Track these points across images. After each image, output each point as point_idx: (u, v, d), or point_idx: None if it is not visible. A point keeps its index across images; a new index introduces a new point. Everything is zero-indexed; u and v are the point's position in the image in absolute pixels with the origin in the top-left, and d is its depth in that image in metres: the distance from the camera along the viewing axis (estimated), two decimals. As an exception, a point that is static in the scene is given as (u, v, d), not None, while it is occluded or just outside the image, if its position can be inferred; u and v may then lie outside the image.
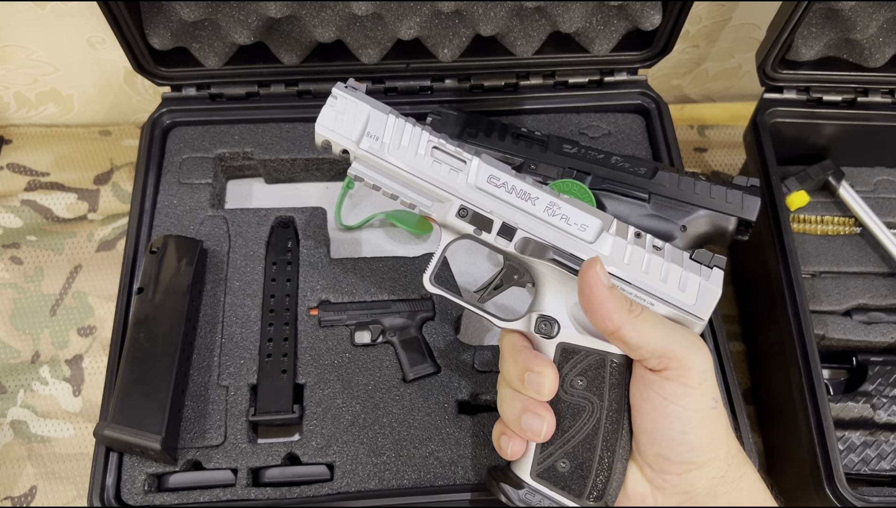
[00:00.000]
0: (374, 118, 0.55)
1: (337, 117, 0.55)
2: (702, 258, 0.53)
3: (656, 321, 0.50)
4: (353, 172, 0.56)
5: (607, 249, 0.53)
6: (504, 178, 0.54)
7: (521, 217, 0.54)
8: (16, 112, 0.96)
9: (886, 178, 0.88)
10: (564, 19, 0.78)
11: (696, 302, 0.52)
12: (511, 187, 0.54)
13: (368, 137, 0.55)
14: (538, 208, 0.54)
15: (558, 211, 0.54)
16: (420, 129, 0.55)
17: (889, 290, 0.80)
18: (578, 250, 0.53)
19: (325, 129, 0.55)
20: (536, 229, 0.54)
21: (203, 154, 0.80)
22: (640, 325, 0.48)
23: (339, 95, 0.55)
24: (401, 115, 0.56)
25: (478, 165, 0.55)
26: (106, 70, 0.92)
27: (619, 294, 0.49)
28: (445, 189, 0.55)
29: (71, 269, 0.85)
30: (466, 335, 0.75)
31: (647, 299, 0.52)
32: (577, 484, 0.52)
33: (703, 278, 0.52)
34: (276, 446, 0.66)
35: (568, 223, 0.54)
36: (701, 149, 1.00)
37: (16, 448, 0.76)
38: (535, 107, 0.84)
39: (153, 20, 0.74)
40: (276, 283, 0.74)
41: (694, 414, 0.48)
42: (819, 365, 0.69)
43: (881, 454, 0.72)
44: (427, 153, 0.55)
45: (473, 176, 0.54)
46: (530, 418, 0.51)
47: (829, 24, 0.79)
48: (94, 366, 0.80)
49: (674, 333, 0.49)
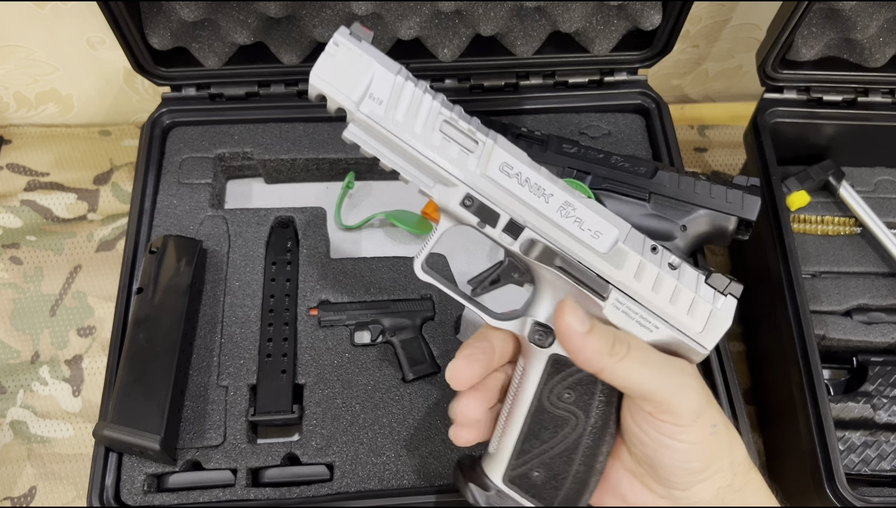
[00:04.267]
0: (379, 77, 0.46)
1: (336, 69, 0.46)
2: (717, 283, 0.48)
3: (643, 362, 0.46)
4: (348, 135, 0.48)
5: (621, 261, 0.48)
6: (518, 167, 0.48)
7: (530, 215, 0.48)
8: (15, 112, 0.96)
9: (887, 178, 0.87)
10: (564, 19, 0.78)
11: (703, 330, 0.48)
12: (525, 180, 0.48)
13: (370, 100, 0.46)
14: (551, 206, 0.48)
15: (572, 213, 0.48)
16: (431, 97, 0.47)
17: (889, 290, 0.80)
18: (590, 260, 0.48)
19: (322, 81, 0.47)
20: (546, 230, 0.48)
21: (203, 154, 0.80)
22: (624, 369, 0.45)
23: (341, 43, 0.46)
24: (411, 75, 0.48)
25: (492, 149, 0.47)
26: (106, 70, 0.92)
27: (598, 337, 0.46)
28: (452, 173, 0.47)
29: (70, 269, 0.85)
30: (466, 335, 0.75)
31: (650, 321, 0.48)
32: (549, 494, 0.50)
33: (715, 305, 0.48)
34: (275, 446, 0.66)
35: (581, 228, 0.48)
36: (701, 149, 1.00)
37: (15, 448, 0.76)
38: (535, 107, 0.84)
39: (153, 20, 0.74)
40: (276, 283, 0.74)
41: (694, 446, 0.46)
42: (819, 365, 0.69)
43: (881, 454, 0.72)
44: (436, 128, 0.47)
45: (486, 162, 0.47)
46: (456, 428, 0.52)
47: (829, 24, 0.79)
48: (93, 366, 0.80)
49: (661, 374, 0.46)
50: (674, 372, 0.47)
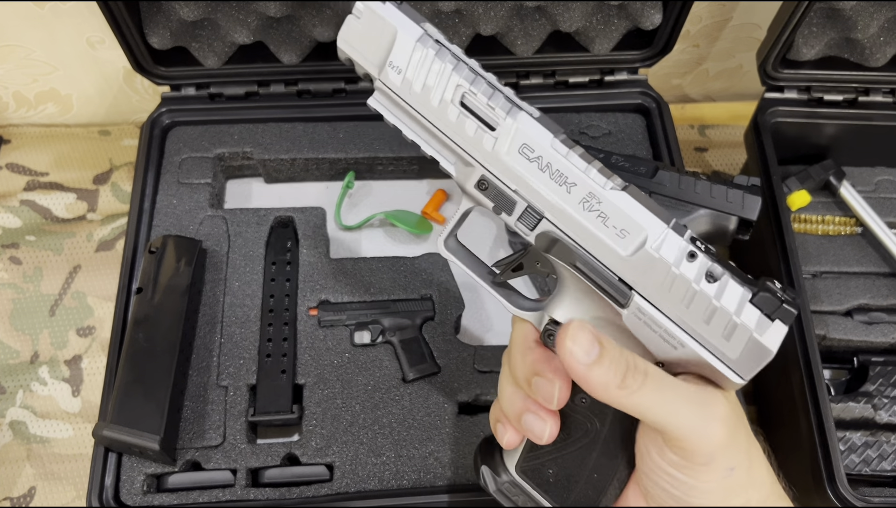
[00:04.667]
0: (399, 43, 0.43)
1: (361, 33, 0.44)
2: (765, 305, 0.40)
3: (658, 396, 0.41)
4: (372, 103, 0.46)
5: (647, 267, 0.41)
6: (541, 149, 0.42)
7: (548, 206, 0.43)
8: (15, 112, 0.96)
9: (887, 178, 0.87)
10: (565, 19, 0.78)
11: (739, 357, 0.40)
12: (546, 164, 0.42)
13: (391, 68, 0.43)
14: (573, 198, 0.42)
15: (596, 207, 0.42)
16: (451, 66, 0.43)
17: (890, 290, 0.79)
18: (611, 262, 0.42)
19: (347, 44, 0.45)
20: (564, 224, 0.43)
21: (202, 154, 0.80)
22: (635, 403, 0.40)
23: (364, 8, 0.43)
24: (436, 38, 0.43)
25: (513, 129, 0.42)
26: (105, 70, 0.92)
27: (606, 368, 0.40)
28: (468, 152, 0.44)
29: (70, 269, 0.85)
30: (466, 335, 0.75)
31: (676, 338, 0.42)
32: (561, 494, 0.49)
33: (758, 331, 0.40)
34: (275, 446, 0.66)
35: (605, 225, 0.42)
36: (701, 148, 1.00)
37: (15, 448, 0.76)
38: (536, 106, 0.84)
39: (152, 20, 0.74)
40: (276, 283, 0.74)
41: (700, 485, 0.41)
42: (820, 365, 0.69)
43: (882, 454, 0.72)
44: (455, 101, 0.43)
45: (504, 143, 0.43)
46: (532, 419, 0.45)
47: (829, 24, 0.78)
48: (93, 366, 0.80)
49: (679, 409, 0.40)
50: (694, 408, 0.41)
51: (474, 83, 0.43)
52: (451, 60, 0.43)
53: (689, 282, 0.41)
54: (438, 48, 0.43)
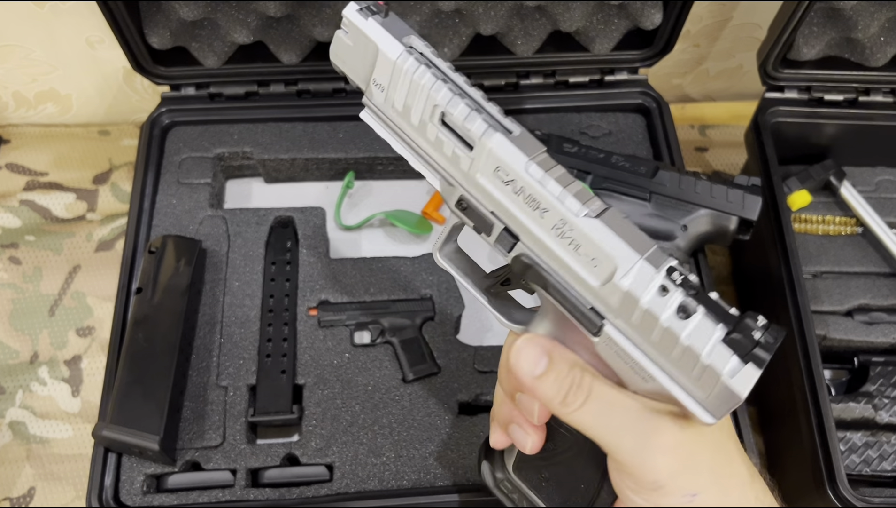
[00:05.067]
0: (381, 61, 0.42)
1: (349, 47, 0.44)
2: (738, 346, 0.36)
3: (600, 417, 0.40)
4: (363, 117, 0.46)
5: (616, 299, 0.39)
6: (514, 173, 0.40)
7: (522, 230, 0.41)
8: (14, 112, 0.96)
9: (888, 178, 0.87)
10: (565, 18, 0.78)
11: (708, 397, 0.38)
12: (519, 188, 0.40)
13: (374, 86, 0.43)
14: (546, 223, 0.40)
15: (569, 233, 0.40)
16: (430, 84, 0.42)
17: (891, 290, 0.79)
18: (582, 291, 0.40)
19: (338, 59, 0.45)
20: (538, 249, 0.41)
21: (202, 154, 0.80)
22: (577, 421, 0.40)
23: (349, 21, 0.43)
24: (420, 52, 0.43)
25: (486, 151, 0.41)
26: (105, 69, 0.92)
27: (550, 383, 0.40)
28: (447, 171, 0.43)
29: (70, 269, 0.85)
30: (466, 335, 0.75)
31: (646, 371, 0.39)
32: (552, 496, 0.49)
33: (727, 374, 0.36)
34: (275, 446, 0.66)
35: (577, 253, 0.40)
36: (702, 148, 1.00)
37: (14, 448, 0.75)
38: (536, 106, 0.84)
39: (152, 19, 0.74)
40: (276, 283, 0.73)
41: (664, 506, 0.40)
42: (820, 366, 0.69)
43: (882, 454, 0.72)
44: (434, 120, 0.42)
45: (479, 164, 0.41)
46: (516, 430, 0.46)
47: (830, 24, 0.78)
48: (92, 367, 0.80)
49: (620, 432, 0.39)
50: (637, 437, 0.39)
51: (450, 103, 0.41)
52: (430, 78, 0.42)
53: (657, 318, 0.38)
54: (418, 66, 0.42)
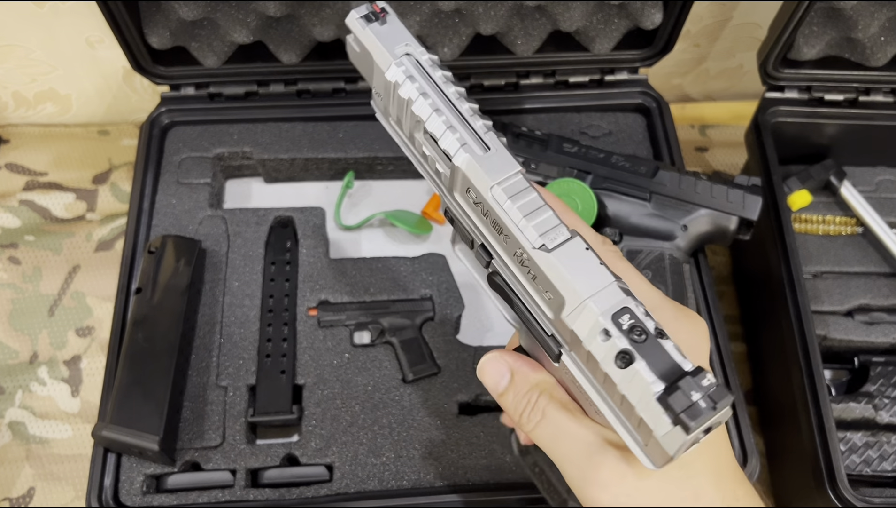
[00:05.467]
0: (376, 71, 0.42)
1: (355, 54, 0.44)
2: (668, 408, 0.33)
3: (548, 442, 0.41)
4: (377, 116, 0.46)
5: (567, 334, 0.37)
6: (479, 195, 0.39)
7: (492, 250, 0.41)
8: (14, 112, 0.95)
9: (888, 178, 0.87)
10: (565, 18, 0.78)
11: (647, 446, 0.36)
12: (486, 210, 0.39)
13: (375, 93, 0.44)
14: (509, 248, 0.39)
15: (527, 262, 0.38)
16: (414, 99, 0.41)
17: (891, 290, 0.79)
18: (542, 318, 0.39)
19: (353, 61, 0.45)
20: (504, 271, 0.41)
21: (202, 154, 0.80)
22: (534, 439, 0.42)
23: (352, 29, 0.43)
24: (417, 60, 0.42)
25: (457, 171, 0.39)
26: (104, 69, 0.92)
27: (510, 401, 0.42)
28: (435, 182, 0.43)
29: (69, 269, 0.85)
30: (466, 336, 0.75)
31: (595, 406, 0.38)
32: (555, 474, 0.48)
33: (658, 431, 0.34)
34: (274, 447, 0.66)
35: (535, 282, 0.38)
36: (702, 148, 1.00)
37: (14, 448, 0.75)
38: (536, 106, 0.84)
39: (152, 19, 0.74)
40: (275, 283, 0.73)
41: None
42: (821, 366, 0.69)
43: (883, 455, 0.72)
44: (419, 135, 0.42)
45: (455, 182, 0.40)
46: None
47: (830, 24, 0.78)
48: (92, 367, 0.80)
49: (566, 459, 0.40)
50: (579, 467, 0.39)
51: (429, 119, 0.40)
52: (414, 92, 0.41)
53: (597, 362, 0.36)
54: (404, 80, 0.41)
